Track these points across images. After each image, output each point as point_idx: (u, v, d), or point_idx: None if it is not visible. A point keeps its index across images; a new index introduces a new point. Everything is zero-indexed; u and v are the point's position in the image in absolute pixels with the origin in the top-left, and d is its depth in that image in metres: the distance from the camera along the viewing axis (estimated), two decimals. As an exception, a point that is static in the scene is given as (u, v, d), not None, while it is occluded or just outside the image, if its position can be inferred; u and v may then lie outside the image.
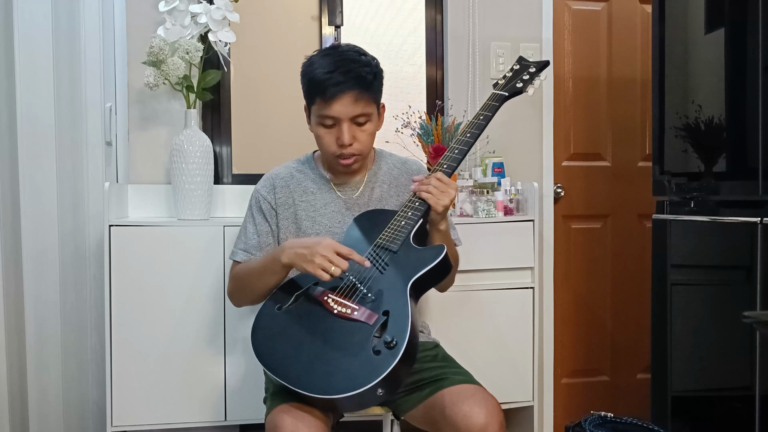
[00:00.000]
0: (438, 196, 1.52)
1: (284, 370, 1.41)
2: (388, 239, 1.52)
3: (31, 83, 2.11)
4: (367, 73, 1.56)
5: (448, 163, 1.60)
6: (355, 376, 1.35)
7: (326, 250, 1.43)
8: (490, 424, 1.37)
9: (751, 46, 1.78)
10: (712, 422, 1.95)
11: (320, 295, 1.48)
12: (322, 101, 1.55)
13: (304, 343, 1.43)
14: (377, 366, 1.35)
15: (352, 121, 1.56)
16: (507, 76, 1.73)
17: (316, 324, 1.45)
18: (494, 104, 1.67)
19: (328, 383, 1.36)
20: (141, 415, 1.99)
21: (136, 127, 2.30)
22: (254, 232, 1.67)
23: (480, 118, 1.65)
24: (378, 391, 1.34)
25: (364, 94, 1.55)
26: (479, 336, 2.16)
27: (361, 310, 1.43)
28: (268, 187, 1.70)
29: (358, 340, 1.39)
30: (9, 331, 2.07)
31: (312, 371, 1.39)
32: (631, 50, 2.78)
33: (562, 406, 2.67)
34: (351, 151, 1.58)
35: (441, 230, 1.58)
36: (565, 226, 2.73)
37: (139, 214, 2.26)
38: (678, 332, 2.02)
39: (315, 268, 1.43)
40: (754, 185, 1.75)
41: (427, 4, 2.62)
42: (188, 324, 2.01)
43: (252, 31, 2.43)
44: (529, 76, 1.70)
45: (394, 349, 1.36)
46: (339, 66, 1.54)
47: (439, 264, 1.49)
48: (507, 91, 1.69)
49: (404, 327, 1.39)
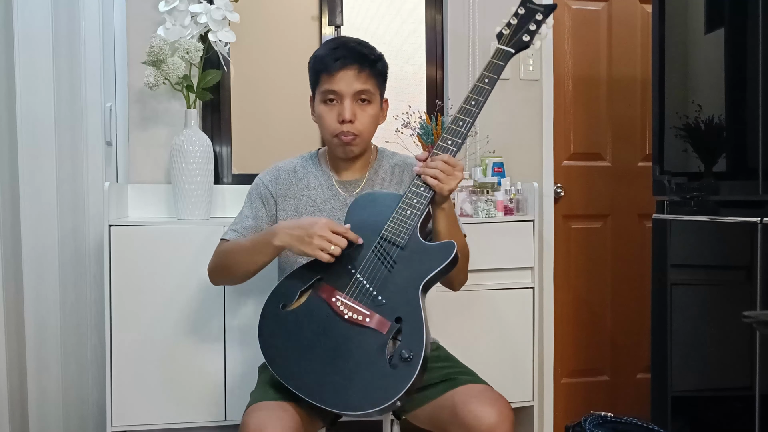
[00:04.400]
0: (444, 181, 1.45)
1: (297, 380, 1.39)
2: (394, 231, 1.45)
3: (31, 83, 2.11)
4: (371, 53, 1.60)
5: (453, 139, 1.47)
6: (372, 391, 1.33)
7: (323, 230, 1.41)
8: (502, 423, 1.36)
9: (751, 46, 1.78)
10: (712, 422, 1.95)
11: (328, 295, 1.44)
12: (326, 75, 1.57)
13: (314, 350, 1.40)
14: (395, 382, 1.32)
15: (354, 99, 1.57)
16: (512, 24, 1.50)
17: (327, 329, 1.41)
18: (500, 63, 1.48)
19: (343, 398, 1.34)
20: (141, 415, 1.99)
21: (136, 127, 2.30)
22: (249, 215, 1.67)
23: (485, 81, 1.48)
24: (397, 403, 1.33)
25: (366, 69, 1.57)
26: (479, 336, 2.16)
27: (374, 316, 1.39)
28: (271, 176, 1.70)
29: (372, 351, 1.36)
30: (9, 331, 2.07)
31: (326, 382, 1.36)
32: (631, 50, 2.78)
33: (562, 406, 2.67)
34: (351, 129, 1.57)
35: (445, 209, 1.52)
36: (565, 226, 2.73)
37: (139, 214, 2.26)
38: (678, 332, 2.02)
39: (314, 249, 1.41)
40: (754, 185, 1.75)
41: (427, 4, 2.62)
42: (188, 324, 2.01)
43: (252, 31, 2.43)
44: (536, 25, 1.50)
45: (411, 362, 1.33)
46: (343, 45, 1.59)
47: (449, 264, 1.43)
48: (514, 47, 1.50)
49: (419, 337, 1.35)
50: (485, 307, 2.18)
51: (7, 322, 2.06)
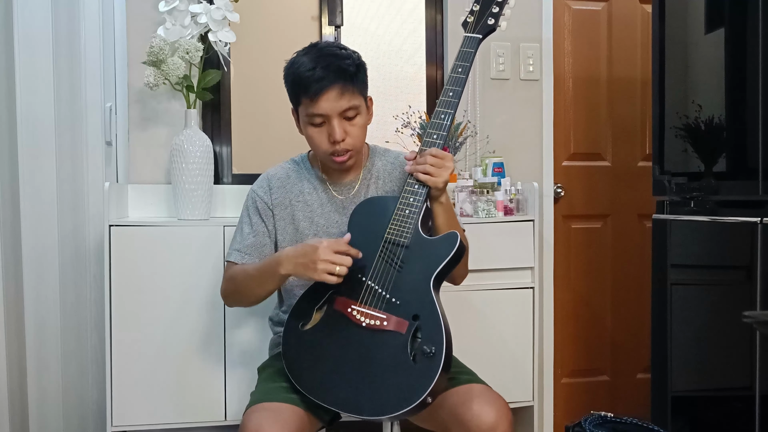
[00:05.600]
0: (435, 174, 1.47)
1: (330, 396, 1.40)
2: (396, 232, 1.46)
3: (31, 83, 2.11)
4: (349, 65, 1.53)
5: (437, 132, 1.52)
6: (403, 391, 1.34)
7: (326, 254, 1.41)
8: (500, 423, 1.37)
9: (751, 46, 1.78)
10: (712, 422, 1.95)
11: (343, 307, 1.45)
12: (307, 100, 1.52)
13: (341, 363, 1.41)
14: (422, 377, 1.34)
15: (341, 117, 1.53)
16: (474, 11, 1.57)
17: (348, 340, 1.42)
18: (469, 51, 1.55)
19: (378, 403, 1.36)
20: (141, 415, 1.99)
21: (136, 127, 2.30)
22: (250, 232, 1.65)
23: (458, 71, 1.54)
24: (428, 399, 1.34)
25: (348, 86, 1.52)
26: (479, 336, 2.16)
27: (390, 318, 1.40)
28: (264, 187, 1.68)
29: (396, 352, 1.37)
30: (9, 331, 2.07)
31: (359, 392, 1.38)
32: (631, 50, 2.78)
33: (562, 406, 2.67)
34: (344, 146, 1.55)
35: (443, 203, 1.54)
36: (565, 226, 2.73)
37: (139, 214, 2.26)
38: (678, 332, 2.02)
39: (320, 274, 1.40)
40: (754, 185, 1.75)
41: (427, 4, 2.62)
42: (188, 324, 2.01)
43: (252, 31, 2.43)
44: (498, 6, 1.56)
45: (434, 356, 1.34)
46: (319, 62, 1.51)
47: (456, 254, 1.44)
48: (480, 32, 1.56)
49: (438, 330, 1.37)
50: (485, 307, 2.18)
51: (7, 322, 2.06)
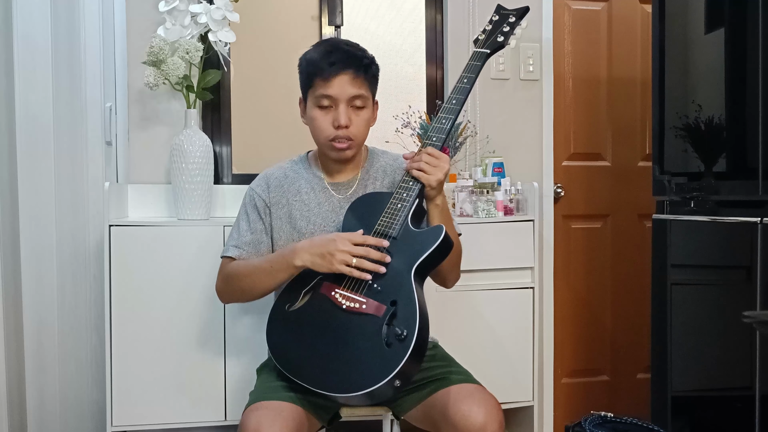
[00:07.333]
0: (430, 172, 1.50)
1: (303, 373, 1.44)
2: (386, 224, 1.50)
3: (31, 83, 2.10)
4: (363, 57, 1.59)
5: (437, 135, 1.57)
6: (370, 371, 1.36)
7: (343, 245, 1.45)
8: (489, 424, 1.38)
9: (751, 46, 1.78)
10: (712, 422, 1.95)
11: (328, 290, 1.48)
12: (321, 80, 1.56)
13: (317, 342, 1.45)
14: (391, 359, 1.36)
15: (348, 104, 1.57)
16: (486, 29, 1.66)
17: (327, 321, 1.46)
18: (477, 64, 1.63)
19: (346, 382, 1.38)
20: (141, 415, 1.99)
21: (136, 127, 2.30)
22: (248, 229, 1.66)
23: (464, 81, 1.61)
24: (395, 382, 1.36)
25: (360, 75, 1.57)
26: (479, 336, 2.16)
27: (369, 302, 1.43)
28: (262, 185, 1.70)
29: (369, 334, 1.40)
30: (8, 331, 2.06)
31: (328, 371, 1.41)
32: (631, 50, 2.78)
33: (562, 406, 2.67)
34: (346, 133, 1.58)
35: (438, 205, 1.56)
36: (565, 225, 2.73)
37: (139, 214, 2.26)
38: (678, 332, 2.02)
39: (339, 264, 1.44)
40: (754, 185, 1.75)
41: (427, 4, 2.62)
42: (188, 324, 2.01)
43: (252, 31, 2.43)
44: (509, 26, 1.65)
45: (405, 340, 1.37)
46: (336, 49, 1.58)
47: (440, 245, 1.47)
48: (489, 48, 1.65)
49: (413, 316, 1.39)
50: (485, 307, 2.18)
51: (6, 322, 2.05)
